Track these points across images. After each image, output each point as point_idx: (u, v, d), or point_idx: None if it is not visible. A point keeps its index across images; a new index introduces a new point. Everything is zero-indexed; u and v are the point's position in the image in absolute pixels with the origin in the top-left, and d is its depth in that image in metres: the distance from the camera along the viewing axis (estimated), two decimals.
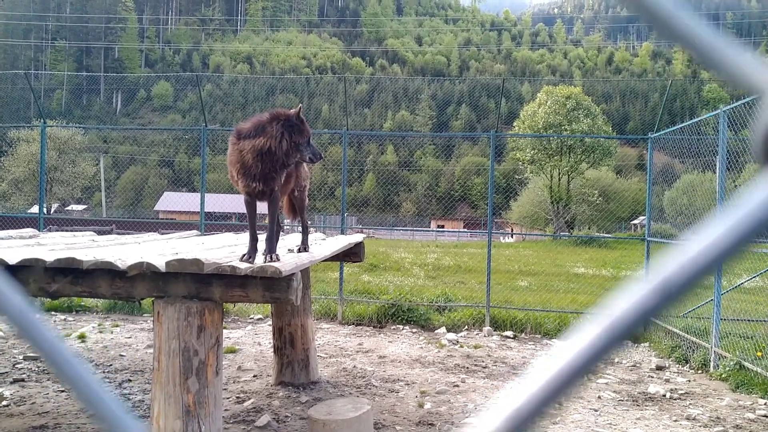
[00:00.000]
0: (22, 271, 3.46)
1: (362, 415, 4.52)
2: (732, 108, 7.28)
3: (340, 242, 6.11)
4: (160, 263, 3.23)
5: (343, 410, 4.57)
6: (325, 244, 5.61)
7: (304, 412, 5.21)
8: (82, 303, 10.19)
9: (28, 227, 7.18)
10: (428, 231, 39.20)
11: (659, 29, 0.38)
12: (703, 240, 0.35)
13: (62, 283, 3.46)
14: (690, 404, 5.99)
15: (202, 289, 3.34)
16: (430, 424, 5.14)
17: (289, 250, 4.54)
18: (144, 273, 3.31)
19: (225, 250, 4.44)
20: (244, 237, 6.22)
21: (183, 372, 3.34)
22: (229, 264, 3.27)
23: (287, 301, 3.39)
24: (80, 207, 46.95)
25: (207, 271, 3.22)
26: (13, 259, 3.40)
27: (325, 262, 6.39)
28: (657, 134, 9.95)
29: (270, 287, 3.34)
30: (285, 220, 6.95)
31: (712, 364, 7.20)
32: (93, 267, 3.34)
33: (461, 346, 8.25)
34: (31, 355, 6.97)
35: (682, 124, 9.31)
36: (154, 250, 4.37)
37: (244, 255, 3.59)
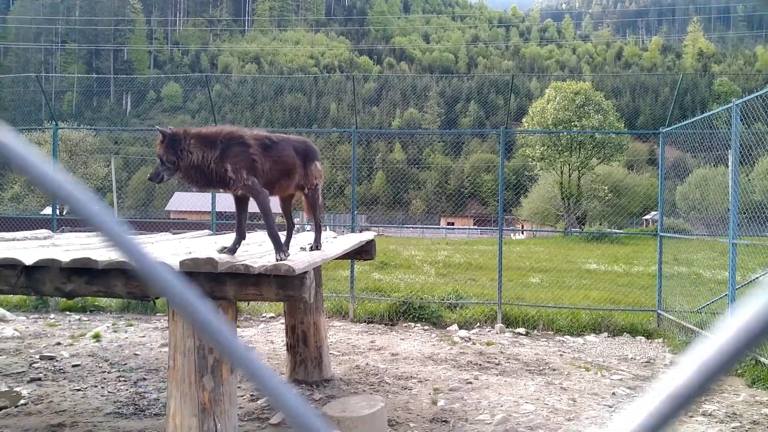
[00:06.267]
0: (38, 272, 3.50)
1: (376, 412, 4.52)
2: (745, 101, 7.20)
3: (351, 240, 6.11)
4: (174, 263, 3.25)
5: (358, 407, 4.58)
6: (336, 243, 5.62)
7: (318, 410, 5.23)
8: (96, 303, 10.28)
9: (41, 228, 7.25)
10: (438, 228, 39.11)
11: None
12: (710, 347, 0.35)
13: (78, 283, 3.50)
14: (705, 400, 5.94)
15: (216, 288, 3.36)
16: (444, 421, 5.13)
17: (301, 248, 4.55)
18: None
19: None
20: (255, 236, 6.26)
21: (198, 370, 3.37)
22: (243, 263, 3.28)
23: (300, 298, 3.40)
24: None
25: (221, 270, 3.23)
26: (29, 260, 3.43)
27: (336, 260, 6.40)
28: (668, 129, 9.88)
29: (283, 285, 3.36)
30: (297, 218, 6.96)
31: None
32: (108, 267, 3.37)
33: (473, 343, 8.24)
34: (48, 354, 7.04)
35: (694, 118, 9.22)
36: (168, 249, 4.40)
37: (225, 247, 3.83)
